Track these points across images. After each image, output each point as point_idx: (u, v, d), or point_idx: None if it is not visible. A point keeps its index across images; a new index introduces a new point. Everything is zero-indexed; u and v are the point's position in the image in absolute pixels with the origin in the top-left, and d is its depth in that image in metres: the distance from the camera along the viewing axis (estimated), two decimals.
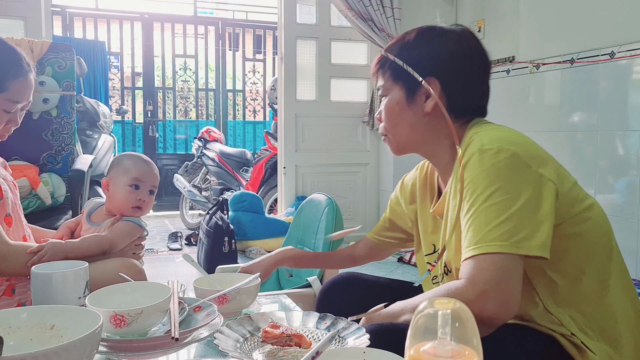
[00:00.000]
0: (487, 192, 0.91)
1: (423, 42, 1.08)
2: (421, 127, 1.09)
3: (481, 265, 0.88)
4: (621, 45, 2.81)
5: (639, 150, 2.76)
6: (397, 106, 1.10)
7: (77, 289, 0.99)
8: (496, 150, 0.92)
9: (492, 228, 0.89)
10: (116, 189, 1.45)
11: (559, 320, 0.96)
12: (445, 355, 0.51)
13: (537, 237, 0.88)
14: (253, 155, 5.38)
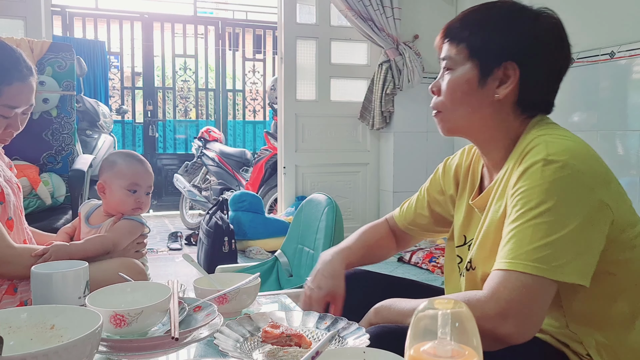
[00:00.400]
0: (541, 208, 0.86)
1: (510, 20, 0.98)
2: (484, 113, 1.00)
3: (510, 283, 0.85)
4: (621, 45, 2.81)
5: (639, 150, 2.76)
6: (466, 84, 0.99)
7: (77, 289, 0.99)
8: (562, 165, 0.87)
9: (534, 248, 0.84)
10: (113, 193, 1.44)
11: (579, 339, 0.94)
12: (445, 355, 0.51)
13: (579, 265, 0.84)
14: (253, 155, 5.38)
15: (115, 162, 1.46)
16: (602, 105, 2.96)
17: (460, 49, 1.00)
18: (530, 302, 0.84)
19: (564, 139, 0.92)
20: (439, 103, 1.05)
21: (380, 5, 3.99)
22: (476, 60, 0.98)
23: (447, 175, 1.22)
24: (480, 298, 0.87)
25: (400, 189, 4.25)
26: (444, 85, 1.03)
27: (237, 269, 2.10)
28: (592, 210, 0.86)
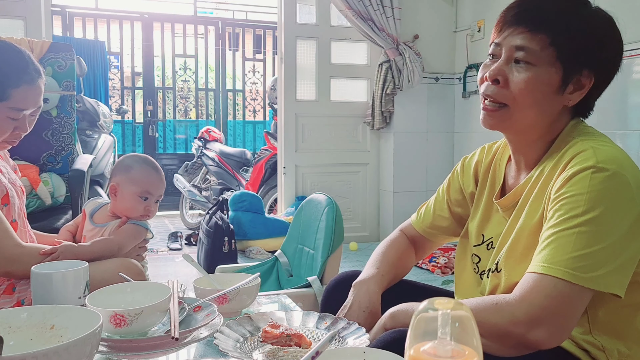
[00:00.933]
0: (586, 216, 0.84)
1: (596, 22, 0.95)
2: (551, 115, 0.96)
3: (545, 289, 0.83)
4: None
5: (639, 150, 2.76)
6: (547, 87, 0.93)
7: (77, 289, 0.99)
8: (612, 173, 0.85)
9: (575, 256, 0.83)
10: (125, 197, 1.44)
11: (602, 346, 0.92)
12: (445, 355, 0.51)
13: (617, 276, 0.83)
14: (253, 155, 5.38)
15: (131, 167, 1.46)
16: (602, 106, 2.94)
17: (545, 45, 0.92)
18: (565, 310, 0.82)
19: (610, 147, 0.91)
20: (506, 96, 0.95)
21: (380, 5, 3.99)
22: (561, 64, 0.93)
23: (466, 174, 1.19)
24: (511, 301, 0.85)
25: (400, 189, 4.25)
26: (519, 80, 0.93)
27: (237, 269, 2.10)
28: (635, 221, 0.85)
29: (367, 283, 1.16)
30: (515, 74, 0.94)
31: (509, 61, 0.95)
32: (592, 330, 0.93)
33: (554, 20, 0.93)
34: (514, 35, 0.94)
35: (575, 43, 0.93)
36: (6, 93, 1.26)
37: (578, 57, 0.93)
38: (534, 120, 0.97)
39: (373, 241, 4.41)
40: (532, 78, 0.93)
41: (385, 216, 4.40)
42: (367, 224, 4.49)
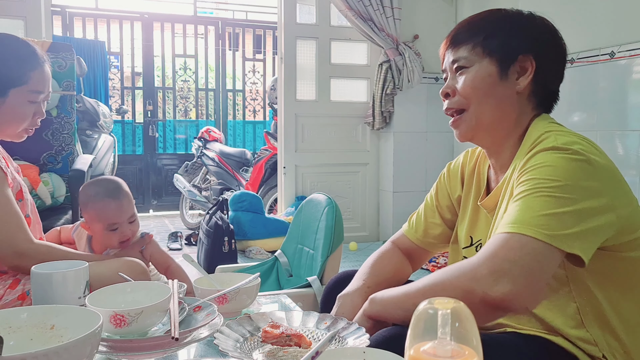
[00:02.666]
0: (552, 183, 0.85)
1: (521, 19, 1.05)
2: (508, 105, 1.02)
3: (511, 245, 0.82)
4: (621, 45, 2.81)
5: (638, 150, 2.76)
6: (489, 78, 1.02)
7: (77, 289, 0.99)
8: (573, 152, 0.88)
9: (541, 215, 0.83)
10: (96, 235, 1.40)
11: (595, 341, 0.93)
12: (445, 355, 0.51)
13: (582, 240, 0.83)
14: (253, 155, 5.38)
15: (87, 202, 1.39)
16: (602, 106, 2.96)
17: (476, 50, 1.03)
18: (532, 266, 0.80)
19: (571, 135, 0.94)
20: (459, 101, 1.05)
21: (380, 5, 3.99)
22: (494, 56, 1.02)
23: (452, 179, 1.22)
24: (473, 260, 0.85)
25: (400, 189, 4.25)
26: (462, 85, 1.04)
27: (237, 269, 2.10)
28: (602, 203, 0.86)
29: (351, 296, 1.14)
30: (459, 81, 1.05)
31: (453, 76, 1.07)
32: (585, 322, 0.93)
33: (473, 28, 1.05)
34: (449, 55, 1.08)
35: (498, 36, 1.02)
36: (26, 76, 1.30)
37: (505, 45, 1.01)
38: (495, 113, 1.03)
39: (373, 241, 4.41)
40: (471, 76, 1.03)
41: (385, 216, 4.40)
42: (367, 224, 4.49)
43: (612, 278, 0.93)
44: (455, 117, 1.07)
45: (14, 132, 1.35)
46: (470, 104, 1.04)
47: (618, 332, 0.93)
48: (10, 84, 1.29)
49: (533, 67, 1.01)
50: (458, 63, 1.05)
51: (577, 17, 3.09)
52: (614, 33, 2.87)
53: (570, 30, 3.14)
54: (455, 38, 1.07)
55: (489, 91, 1.02)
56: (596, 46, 2.96)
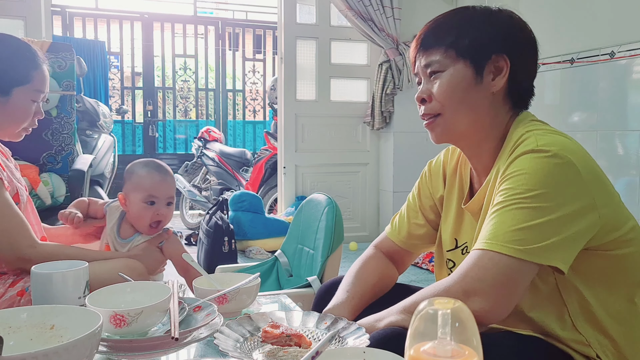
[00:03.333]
0: (528, 193, 0.85)
1: (490, 17, 1.02)
2: (483, 108, 1.00)
3: (482, 263, 0.85)
4: (621, 45, 2.81)
5: (638, 150, 2.76)
6: (463, 82, 0.99)
7: (77, 289, 0.99)
8: (552, 154, 0.87)
9: (515, 229, 0.84)
10: (131, 206, 1.39)
11: (587, 341, 0.93)
12: (445, 355, 0.51)
13: (559, 250, 0.83)
14: (253, 155, 5.38)
15: (133, 172, 1.41)
16: (602, 106, 2.96)
17: (448, 53, 1.00)
18: (503, 283, 0.83)
19: (554, 133, 0.94)
20: (435, 107, 1.02)
21: (380, 5, 3.99)
22: (467, 59, 0.99)
23: (434, 178, 1.20)
24: (448, 280, 0.88)
25: (400, 189, 4.25)
26: (437, 89, 1.01)
27: (237, 269, 2.10)
28: (583, 205, 0.86)
29: (337, 310, 1.11)
30: (434, 85, 1.02)
31: (427, 80, 1.04)
32: (576, 323, 0.93)
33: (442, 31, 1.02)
34: (420, 59, 1.05)
35: (469, 37, 0.99)
36: (29, 75, 1.31)
37: (477, 46, 0.99)
38: (470, 118, 1.01)
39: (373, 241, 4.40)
40: (446, 80, 1.00)
41: (385, 216, 4.40)
42: (367, 224, 4.49)
43: (599, 276, 0.93)
44: (429, 120, 1.04)
45: (14, 131, 1.36)
46: (445, 108, 1.01)
47: (608, 330, 0.93)
48: (14, 83, 1.30)
49: (508, 65, 0.99)
50: (431, 67, 1.02)
51: (577, 17, 3.09)
52: (614, 33, 2.86)
53: (570, 30, 3.15)
54: (426, 41, 1.04)
55: (466, 95, 1.00)
56: (596, 46, 2.96)
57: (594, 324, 0.93)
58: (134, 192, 1.39)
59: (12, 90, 1.30)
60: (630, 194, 2.80)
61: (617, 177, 2.88)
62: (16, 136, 1.38)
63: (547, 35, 3.31)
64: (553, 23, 3.26)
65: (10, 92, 1.30)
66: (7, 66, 1.29)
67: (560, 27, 3.21)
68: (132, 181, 1.40)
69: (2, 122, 1.33)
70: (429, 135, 1.06)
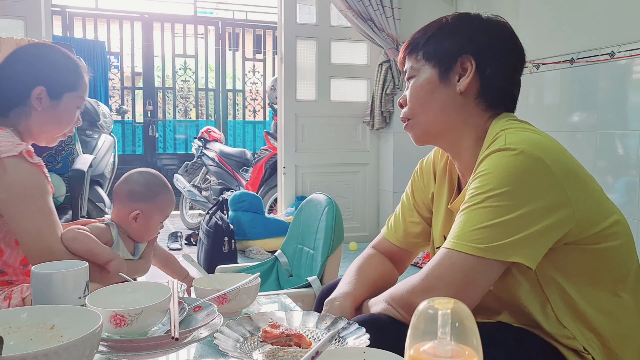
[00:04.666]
0: (492, 192, 0.88)
1: (461, 21, 1.06)
2: (452, 109, 1.02)
3: (443, 261, 0.89)
4: (621, 45, 2.81)
5: (638, 150, 2.76)
6: (428, 84, 1.03)
7: (77, 289, 0.99)
8: (518, 152, 0.88)
9: (476, 229, 0.87)
10: (148, 224, 1.40)
11: (572, 334, 0.94)
12: (445, 355, 0.51)
13: (523, 247, 0.85)
14: (253, 155, 5.38)
15: (157, 194, 1.41)
16: (602, 106, 2.96)
17: (417, 57, 1.06)
18: (458, 279, 0.87)
19: (525, 130, 0.95)
20: (407, 111, 1.08)
21: (380, 5, 3.99)
22: (433, 61, 1.03)
23: (426, 176, 1.22)
24: (416, 276, 0.93)
25: (400, 189, 4.25)
26: (409, 93, 1.07)
27: (237, 269, 2.10)
28: (553, 200, 0.87)
29: (339, 299, 1.12)
30: (408, 91, 1.08)
31: (407, 86, 1.09)
32: (559, 317, 0.94)
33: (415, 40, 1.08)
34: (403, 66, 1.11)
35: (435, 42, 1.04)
36: (77, 82, 1.37)
37: (442, 48, 1.03)
38: (438, 116, 1.04)
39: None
40: (415, 84, 1.06)
41: (385, 216, 4.40)
42: (367, 224, 4.49)
43: (581, 271, 0.94)
44: (405, 124, 1.09)
45: (55, 135, 1.41)
46: (413, 111, 1.06)
47: (592, 323, 0.94)
48: (65, 89, 1.35)
49: (473, 66, 1.01)
50: (408, 74, 1.08)
51: (577, 17, 3.09)
52: (614, 33, 2.87)
53: (570, 30, 3.15)
54: (404, 50, 1.10)
55: (430, 96, 1.03)
56: (596, 46, 2.96)
57: (578, 317, 0.94)
58: (158, 214, 1.41)
59: (62, 96, 1.35)
60: (630, 194, 2.80)
61: (617, 177, 2.88)
62: (54, 141, 1.43)
63: (547, 35, 3.31)
64: (553, 23, 3.26)
65: (61, 97, 1.35)
66: (59, 73, 1.35)
67: (560, 27, 3.21)
68: (156, 203, 1.40)
69: (48, 126, 1.38)
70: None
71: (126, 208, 1.39)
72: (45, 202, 1.25)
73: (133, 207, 1.38)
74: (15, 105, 1.33)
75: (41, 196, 1.25)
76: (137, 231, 1.41)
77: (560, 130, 3.19)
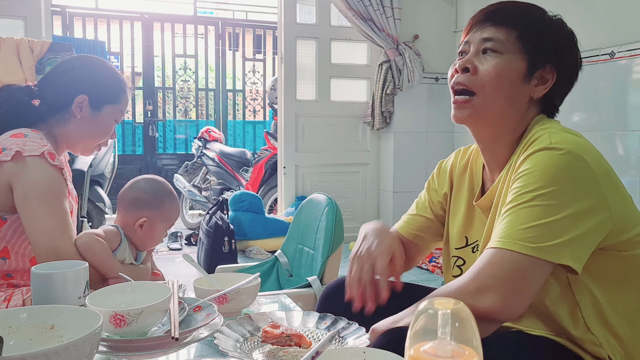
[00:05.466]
0: (540, 191, 0.86)
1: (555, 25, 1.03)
2: (519, 107, 1.00)
3: (495, 260, 0.86)
4: (621, 45, 2.81)
5: (639, 150, 2.76)
6: (515, 73, 0.98)
7: (77, 289, 0.99)
8: (565, 152, 0.87)
9: (526, 227, 0.85)
10: (153, 232, 1.38)
11: (599, 342, 0.93)
12: (445, 355, 0.51)
13: (571, 248, 0.84)
14: (253, 155, 5.38)
15: (163, 202, 1.39)
16: (602, 106, 2.96)
17: (514, 40, 0.98)
18: (513, 279, 0.84)
19: (568, 132, 0.94)
20: (476, 83, 0.99)
21: (380, 5, 3.99)
22: (527, 55, 0.98)
23: (441, 176, 1.22)
24: (461, 279, 0.89)
25: (400, 189, 4.25)
26: (488, 66, 0.98)
27: (237, 269, 2.10)
28: (595, 203, 0.86)
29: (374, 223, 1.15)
30: (483, 62, 0.99)
31: (477, 53, 1.01)
32: (588, 322, 0.93)
33: (520, 17, 1.00)
34: (482, 30, 1.01)
35: (539, 38, 0.99)
36: (119, 96, 1.42)
37: (542, 51, 0.99)
38: (502, 110, 1.00)
39: None
40: (500, 64, 0.98)
41: (385, 216, 4.40)
42: None
43: (610, 277, 0.93)
44: (462, 98, 1.00)
45: (91, 145, 1.44)
46: (485, 91, 0.98)
47: (617, 330, 0.93)
48: (107, 101, 1.39)
49: (553, 80, 1.00)
50: (491, 43, 0.99)
51: (577, 17, 3.09)
52: (614, 33, 2.87)
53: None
54: (499, 17, 1.01)
55: (510, 88, 0.98)
56: (596, 46, 2.96)
57: (605, 324, 0.93)
58: (164, 222, 1.40)
59: (103, 107, 1.39)
60: (630, 194, 2.80)
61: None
62: (89, 151, 1.46)
63: None
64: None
65: (101, 108, 1.39)
66: (104, 85, 1.39)
67: None
68: (162, 212, 1.39)
69: (85, 135, 1.40)
70: (452, 113, 1.03)
71: (131, 215, 1.37)
72: (60, 203, 1.25)
73: (139, 214, 1.36)
74: (57, 111, 1.36)
75: (57, 197, 1.24)
76: (141, 239, 1.38)
77: None
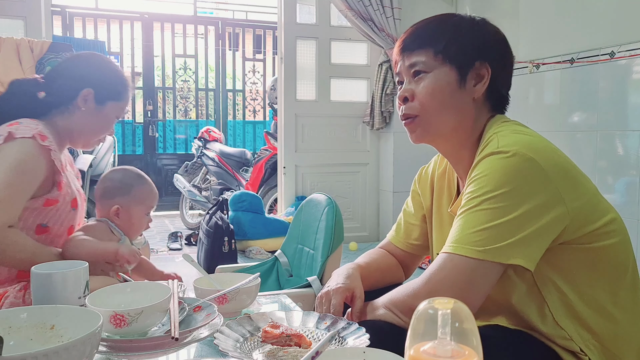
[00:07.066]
0: (488, 195, 0.89)
1: (475, 26, 1.05)
2: (467, 112, 1.03)
3: (444, 264, 0.90)
4: (621, 45, 2.81)
5: (638, 150, 2.76)
6: (447, 87, 1.01)
7: (77, 289, 0.99)
8: (512, 154, 0.90)
9: (475, 231, 0.88)
10: (131, 218, 1.43)
11: (569, 336, 0.94)
12: (445, 355, 0.51)
13: (521, 248, 0.86)
14: (253, 155, 5.38)
15: (131, 186, 1.45)
16: (602, 106, 2.96)
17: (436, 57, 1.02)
18: (462, 282, 0.88)
19: (517, 133, 0.96)
20: (415, 107, 1.03)
21: (380, 5, 3.99)
22: (453, 64, 1.02)
23: (422, 184, 1.24)
24: (416, 281, 0.94)
25: (400, 189, 4.25)
26: (422, 88, 1.02)
27: (237, 269, 2.10)
28: (547, 198, 0.88)
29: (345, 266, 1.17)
30: (417, 85, 1.04)
31: (410, 80, 1.05)
32: (557, 318, 0.94)
33: (431, 35, 1.04)
34: (405, 59, 1.06)
35: (456, 44, 1.02)
36: (122, 94, 1.45)
37: (464, 53, 1.02)
38: (450, 122, 1.03)
39: (373, 241, 4.41)
40: (430, 82, 1.02)
41: (385, 216, 4.40)
42: (367, 224, 4.49)
43: (578, 271, 0.94)
44: (408, 121, 1.05)
45: (92, 139, 1.47)
46: (426, 110, 1.02)
47: (590, 324, 0.94)
48: (111, 97, 1.43)
49: (489, 73, 1.02)
50: (416, 67, 1.03)
51: (577, 17, 3.09)
52: (614, 33, 2.86)
53: (570, 30, 3.15)
54: (412, 42, 1.05)
55: (448, 99, 1.02)
56: (596, 46, 2.96)
57: (575, 318, 0.94)
58: (139, 206, 1.43)
59: (107, 103, 1.42)
60: (630, 194, 2.80)
61: (617, 177, 2.88)
62: (90, 145, 1.50)
63: (547, 35, 3.31)
64: (553, 23, 3.26)
65: (105, 104, 1.42)
66: (109, 81, 1.43)
67: (560, 27, 3.21)
68: (133, 196, 1.44)
69: (86, 128, 1.43)
70: (409, 136, 1.08)
71: (104, 206, 1.42)
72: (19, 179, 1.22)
73: (110, 203, 1.42)
74: (61, 104, 1.39)
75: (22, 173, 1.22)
76: (123, 227, 1.43)
77: (560, 131, 3.19)
